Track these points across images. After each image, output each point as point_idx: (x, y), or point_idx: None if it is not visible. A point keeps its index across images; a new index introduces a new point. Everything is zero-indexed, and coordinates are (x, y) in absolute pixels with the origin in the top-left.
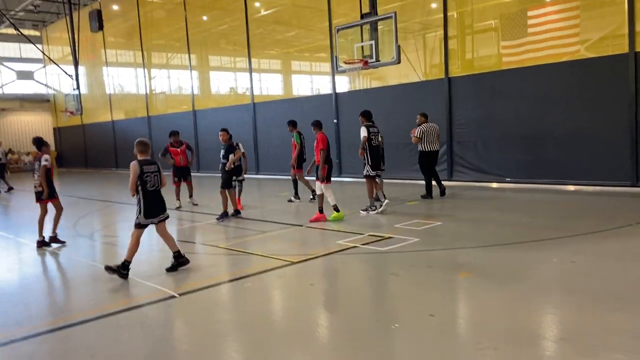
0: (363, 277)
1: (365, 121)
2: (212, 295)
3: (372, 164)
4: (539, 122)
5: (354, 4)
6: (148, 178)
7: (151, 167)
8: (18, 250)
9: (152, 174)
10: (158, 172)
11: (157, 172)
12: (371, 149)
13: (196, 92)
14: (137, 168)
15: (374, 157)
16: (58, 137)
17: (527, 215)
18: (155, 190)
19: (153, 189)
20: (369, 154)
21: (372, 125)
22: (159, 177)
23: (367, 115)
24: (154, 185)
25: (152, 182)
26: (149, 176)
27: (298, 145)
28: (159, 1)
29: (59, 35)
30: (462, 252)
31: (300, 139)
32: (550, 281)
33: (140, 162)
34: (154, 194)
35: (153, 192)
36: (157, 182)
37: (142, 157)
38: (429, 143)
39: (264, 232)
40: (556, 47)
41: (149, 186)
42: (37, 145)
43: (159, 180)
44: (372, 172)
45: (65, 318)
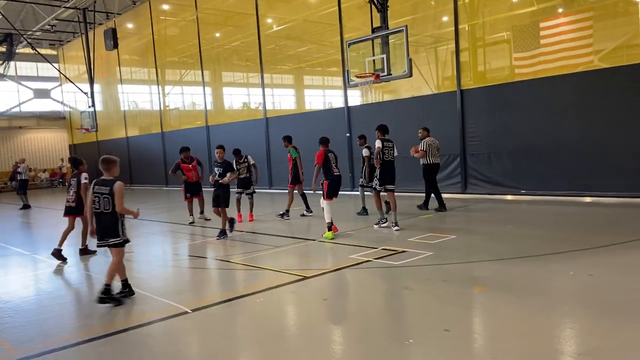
0: (377, 291)
1: (380, 135)
2: (225, 311)
3: (381, 178)
4: (553, 134)
5: (365, 18)
6: (96, 199)
7: (102, 189)
8: (34, 267)
9: (102, 196)
10: (109, 195)
11: (107, 195)
12: (383, 163)
13: (209, 108)
14: (89, 186)
15: (384, 171)
16: (73, 154)
17: (543, 227)
18: (100, 212)
19: (98, 212)
20: (380, 168)
21: (387, 140)
22: (109, 201)
23: (383, 129)
24: (99, 207)
25: (98, 204)
26: (97, 197)
27: (295, 160)
28: (172, 19)
29: (74, 53)
30: (477, 266)
31: (297, 153)
32: (567, 295)
33: (96, 181)
34: (99, 216)
35: (97, 214)
36: (105, 205)
37: (105, 176)
38: (432, 156)
39: (277, 246)
40: (569, 57)
41: (95, 207)
42: (74, 164)
43: (109, 204)
44: (380, 186)
45: (79, 334)
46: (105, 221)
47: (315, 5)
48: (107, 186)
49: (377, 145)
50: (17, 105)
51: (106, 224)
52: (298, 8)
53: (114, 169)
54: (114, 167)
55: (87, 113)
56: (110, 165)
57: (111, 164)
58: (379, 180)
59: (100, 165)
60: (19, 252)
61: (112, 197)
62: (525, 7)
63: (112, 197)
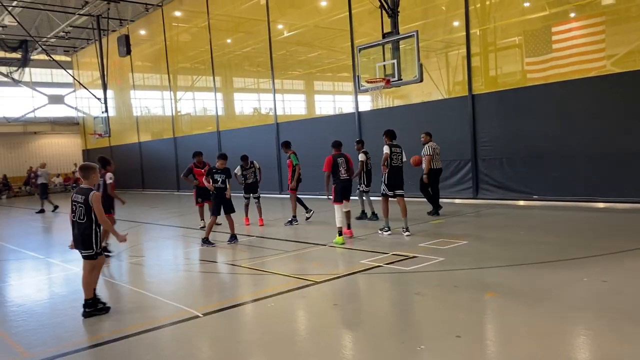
0: (387, 297)
1: (388, 140)
2: (236, 315)
3: (389, 183)
4: (566, 139)
5: (376, 23)
6: (74, 207)
7: (78, 197)
8: (48, 271)
9: (77, 205)
10: (83, 205)
11: (82, 205)
12: (391, 168)
13: (220, 113)
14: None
15: (392, 177)
16: (87, 159)
17: (556, 233)
18: (76, 222)
19: (74, 220)
20: (388, 173)
21: (395, 145)
22: (83, 210)
23: (390, 134)
24: (75, 217)
25: (74, 214)
26: (75, 205)
27: (295, 166)
28: (184, 25)
29: (88, 60)
30: (489, 272)
31: (297, 160)
32: (580, 301)
33: (76, 189)
34: (74, 225)
35: (74, 223)
36: (80, 214)
37: (83, 184)
38: (435, 161)
39: (287, 251)
40: (582, 62)
41: (72, 216)
42: (102, 164)
43: (83, 214)
44: (389, 191)
45: (91, 338)
46: (79, 231)
47: (326, 11)
48: (83, 195)
49: (385, 151)
50: (32, 111)
51: (80, 234)
52: (309, 14)
53: (93, 176)
54: (93, 174)
55: (100, 118)
56: (89, 173)
57: (89, 171)
58: (387, 185)
59: (79, 173)
60: (33, 255)
61: (87, 207)
62: (537, 12)
63: (87, 207)
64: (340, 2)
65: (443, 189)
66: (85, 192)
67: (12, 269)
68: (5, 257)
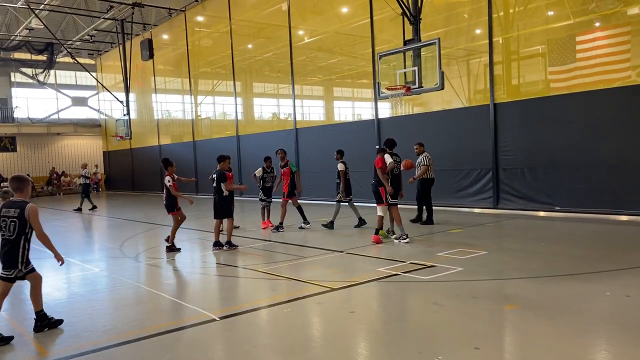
0: (405, 306)
1: (388, 149)
2: (252, 319)
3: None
4: (589, 150)
5: (397, 30)
6: (4, 223)
7: (10, 211)
8: (67, 270)
9: (9, 220)
10: (16, 218)
11: (14, 219)
12: (392, 177)
13: (240, 118)
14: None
15: (393, 185)
16: (107, 161)
17: (577, 245)
18: (4, 239)
19: (4, 238)
20: (391, 183)
21: (394, 154)
22: (16, 225)
23: (390, 143)
24: (4, 233)
25: (3, 230)
26: (5, 221)
27: (293, 173)
28: (206, 30)
29: (112, 63)
30: (509, 283)
31: (295, 167)
32: (602, 316)
33: (4, 203)
34: (3, 243)
35: (4, 240)
36: (10, 229)
37: (15, 197)
38: (430, 171)
39: (304, 257)
40: (606, 72)
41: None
42: (164, 165)
43: (14, 229)
44: (392, 199)
45: (109, 338)
46: (5, 248)
47: (347, 18)
48: (17, 208)
49: (388, 160)
50: (56, 113)
51: (5, 252)
52: (330, 20)
53: (26, 189)
54: (26, 187)
55: (122, 121)
56: (22, 185)
57: (23, 183)
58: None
59: (10, 185)
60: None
61: (20, 222)
62: (561, 21)
63: (21, 221)
64: (362, 9)
65: (463, 197)
66: (19, 205)
67: None
68: None
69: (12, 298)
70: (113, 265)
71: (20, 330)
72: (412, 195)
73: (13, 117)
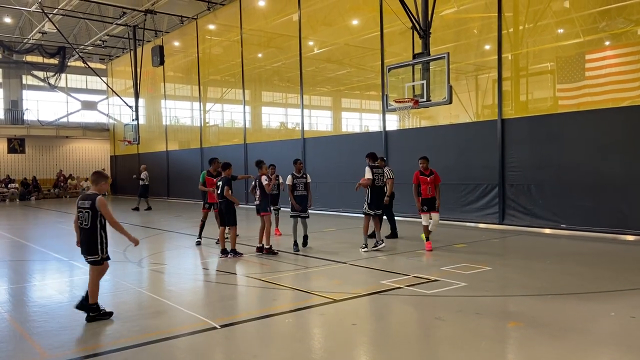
0: (407, 320)
1: (370, 162)
2: (253, 329)
3: (371, 203)
4: (597, 168)
5: (407, 44)
6: (79, 213)
7: (84, 203)
8: (70, 273)
9: (84, 211)
10: (89, 209)
11: (88, 210)
12: (373, 189)
13: (248, 126)
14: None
15: (374, 197)
16: (114, 165)
17: (583, 264)
18: (83, 228)
19: (81, 227)
20: (371, 193)
21: (376, 167)
22: (89, 216)
23: (372, 156)
24: (81, 222)
25: (80, 220)
26: (81, 212)
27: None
28: (217, 38)
29: (122, 68)
30: (512, 300)
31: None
32: (607, 336)
33: (81, 195)
34: (82, 231)
35: (81, 229)
36: (85, 219)
37: (91, 190)
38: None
39: (307, 267)
40: (616, 91)
41: (79, 222)
42: (257, 165)
43: (88, 219)
44: (370, 210)
45: (110, 343)
46: (85, 237)
47: (357, 30)
48: (89, 200)
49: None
50: (65, 116)
51: (86, 240)
52: (340, 32)
53: (101, 184)
54: (102, 182)
55: (130, 126)
56: (99, 179)
57: (100, 178)
58: (368, 204)
59: (90, 178)
60: (57, 257)
61: (93, 212)
62: (571, 39)
63: (93, 211)
64: (372, 22)
65: (468, 212)
66: (91, 197)
67: (36, 270)
68: (31, 257)
69: (13, 298)
70: (116, 270)
71: (21, 332)
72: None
73: (23, 119)
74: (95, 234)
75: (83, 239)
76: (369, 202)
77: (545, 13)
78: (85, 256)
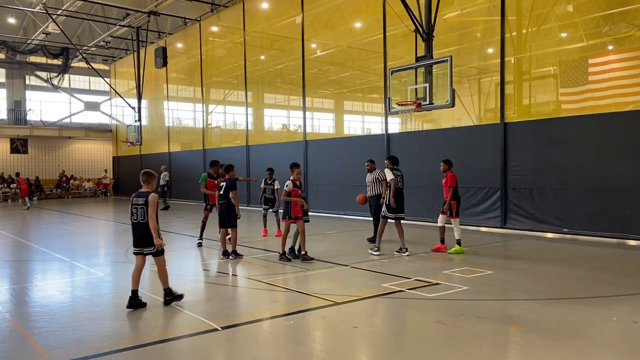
0: (409, 323)
1: (390, 165)
2: (254, 330)
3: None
4: (599, 172)
5: (409, 47)
6: (133, 209)
7: (139, 200)
8: (72, 273)
9: (139, 207)
10: (144, 206)
11: (143, 206)
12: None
13: (250, 128)
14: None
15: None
16: (117, 166)
17: (585, 269)
18: (137, 223)
19: (136, 222)
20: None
21: (396, 169)
22: (144, 211)
23: (393, 159)
24: (136, 218)
25: (135, 215)
26: (135, 208)
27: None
28: (220, 40)
29: (125, 69)
30: (514, 304)
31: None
32: (609, 341)
33: (134, 193)
34: (135, 226)
35: (135, 224)
36: (140, 215)
37: (143, 188)
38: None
39: (308, 269)
40: (619, 95)
41: (133, 218)
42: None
43: (144, 214)
44: (390, 214)
45: (111, 344)
46: (141, 230)
47: (360, 33)
48: (143, 197)
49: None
50: (68, 116)
51: (143, 233)
52: (343, 35)
53: (152, 182)
54: (153, 180)
55: (133, 127)
56: (150, 179)
57: (150, 177)
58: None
59: (141, 178)
60: (58, 257)
61: (147, 208)
62: (574, 43)
63: (147, 207)
64: (375, 25)
65: (470, 216)
66: (145, 194)
67: (37, 270)
68: (33, 257)
69: (15, 298)
70: (118, 270)
71: (22, 332)
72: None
73: (26, 119)
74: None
75: (139, 233)
76: (388, 206)
77: (549, 17)
78: (141, 249)
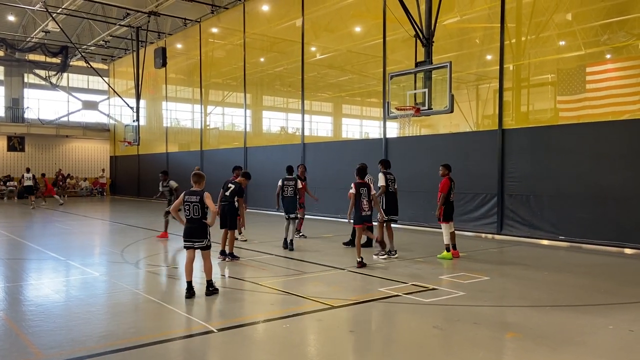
0: (405, 328)
1: (383, 168)
2: (250, 333)
3: (386, 209)
4: (597, 180)
5: (409, 52)
6: (186, 206)
7: (192, 198)
8: (67, 273)
9: (192, 204)
10: (198, 203)
11: (196, 203)
12: (387, 195)
13: (248, 130)
14: (181, 197)
15: (388, 203)
16: (114, 166)
17: (581, 276)
18: (190, 218)
19: (189, 217)
20: (385, 200)
21: (389, 173)
22: (198, 208)
23: (385, 163)
24: (189, 214)
25: (188, 211)
26: (187, 205)
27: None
28: (220, 41)
29: (124, 69)
30: (510, 311)
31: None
32: (604, 350)
33: (185, 192)
34: (189, 221)
35: (188, 219)
36: (193, 211)
37: (194, 188)
38: None
39: (305, 273)
40: (616, 104)
41: (185, 214)
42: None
43: (197, 211)
44: (385, 216)
45: (106, 344)
46: (195, 225)
47: (359, 37)
48: (197, 196)
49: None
50: (66, 115)
51: (196, 227)
52: (342, 39)
53: (202, 182)
54: (202, 180)
55: (131, 127)
56: (200, 179)
57: (200, 177)
58: (384, 211)
59: (192, 178)
60: (53, 256)
61: (201, 205)
62: (573, 51)
63: (201, 204)
64: (375, 29)
65: (466, 221)
66: (198, 193)
67: (32, 269)
68: (28, 256)
69: (9, 297)
70: (113, 271)
71: (17, 331)
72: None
73: (23, 117)
74: (203, 223)
75: (193, 227)
76: (384, 209)
77: (548, 25)
78: (193, 242)
